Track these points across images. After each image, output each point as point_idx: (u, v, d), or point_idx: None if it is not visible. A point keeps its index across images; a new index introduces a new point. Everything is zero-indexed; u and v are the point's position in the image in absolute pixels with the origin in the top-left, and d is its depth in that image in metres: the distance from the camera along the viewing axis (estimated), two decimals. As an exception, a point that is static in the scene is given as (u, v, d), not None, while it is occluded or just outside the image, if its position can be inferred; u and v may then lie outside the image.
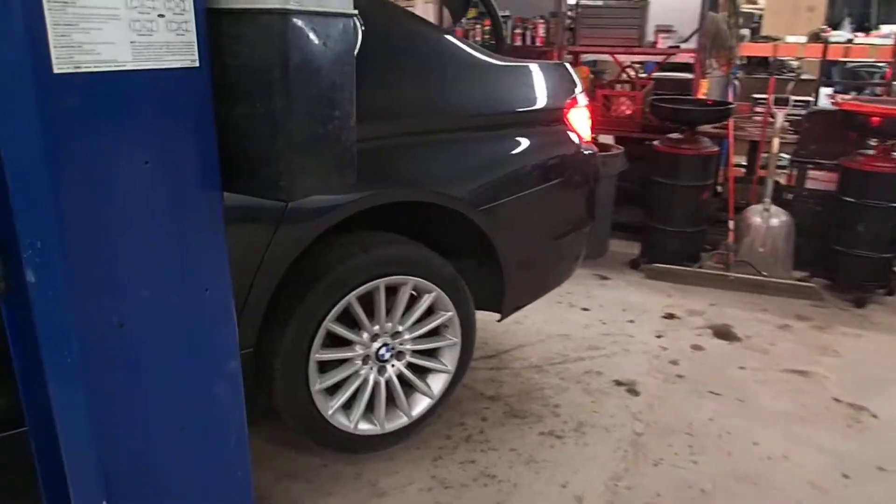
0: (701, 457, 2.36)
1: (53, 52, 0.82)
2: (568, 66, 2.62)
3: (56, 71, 0.83)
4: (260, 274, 1.77)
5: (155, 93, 0.95)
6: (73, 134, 0.87)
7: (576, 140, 2.51)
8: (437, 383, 2.29)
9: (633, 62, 7.48)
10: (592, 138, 5.12)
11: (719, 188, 4.69)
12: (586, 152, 2.56)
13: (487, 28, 4.93)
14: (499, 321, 2.50)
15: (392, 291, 2.10)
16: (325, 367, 2.08)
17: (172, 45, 0.95)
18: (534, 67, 2.46)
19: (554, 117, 2.45)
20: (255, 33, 1.02)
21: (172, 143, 0.99)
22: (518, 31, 4.99)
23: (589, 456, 2.35)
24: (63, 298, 0.89)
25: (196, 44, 0.98)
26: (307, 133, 1.09)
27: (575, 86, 2.56)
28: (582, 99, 2.57)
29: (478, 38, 5.03)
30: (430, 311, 2.22)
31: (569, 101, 2.49)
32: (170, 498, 1.11)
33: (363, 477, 2.21)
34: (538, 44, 4.95)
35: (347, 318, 2.05)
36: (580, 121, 2.54)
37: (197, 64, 0.99)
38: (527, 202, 2.31)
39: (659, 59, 5.02)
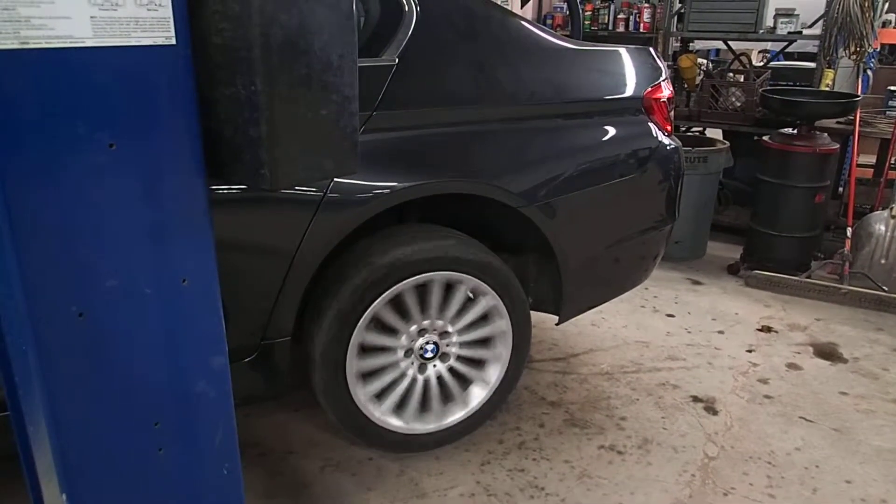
0: (780, 490, 2.10)
1: (-5, 27, 0.79)
2: (651, 50, 2.39)
3: (-1, 47, 0.80)
4: (295, 264, 1.73)
5: (122, 72, 0.90)
6: (21, 111, 0.84)
7: (655, 132, 2.29)
8: (476, 398, 2.21)
9: (760, 51, 6.90)
10: (699, 132, 4.83)
11: (840, 189, 4.23)
12: (668, 146, 2.34)
13: (587, 13, 4.71)
14: (557, 325, 2.34)
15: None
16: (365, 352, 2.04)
17: (142, 20, 0.90)
18: (610, 53, 2.27)
19: (631, 106, 2.24)
20: (238, 7, 0.95)
21: (144, 127, 0.94)
22: (622, 16, 4.73)
23: (650, 477, 2.16)
24: (14, 283, 0.86)
25: (172, 20, 0.93)
26: (294, 119, 1.01)
27: (658, 73, 2.34)
28: (666, 87, 2.34)
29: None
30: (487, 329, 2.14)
31: (650, 89, 2.27)
32: (147, 495, 1.08)
33: (406, 475, 2.14)
34: (643, 30, 4.68)
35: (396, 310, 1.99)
36: (662, 111, 2.32)
37: (173, 42, 0.94)
38: (592, 198, 2.13)
39: (779, 46, 4.58)
